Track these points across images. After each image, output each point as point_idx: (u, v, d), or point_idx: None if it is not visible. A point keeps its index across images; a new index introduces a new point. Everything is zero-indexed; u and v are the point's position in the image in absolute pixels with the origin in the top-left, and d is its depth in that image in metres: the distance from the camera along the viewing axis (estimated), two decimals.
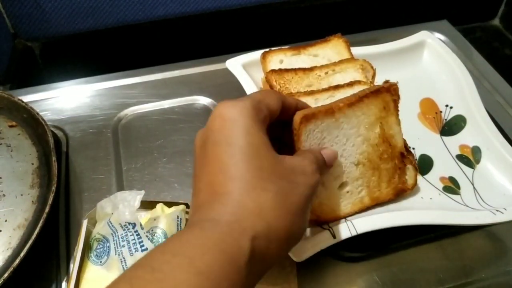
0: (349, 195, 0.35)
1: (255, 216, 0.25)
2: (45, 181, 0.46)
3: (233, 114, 0.27)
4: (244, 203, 0.25)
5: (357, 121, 0.35)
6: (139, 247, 0.38)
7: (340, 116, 0.34)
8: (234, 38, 0.79)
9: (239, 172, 0.25)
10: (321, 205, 0.34)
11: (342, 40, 0.53)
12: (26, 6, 0.66)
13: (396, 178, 0.35)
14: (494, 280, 0.42)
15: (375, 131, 0.36)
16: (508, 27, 0.93)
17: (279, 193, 0.26)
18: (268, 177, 0.26)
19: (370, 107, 0.36)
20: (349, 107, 0.35)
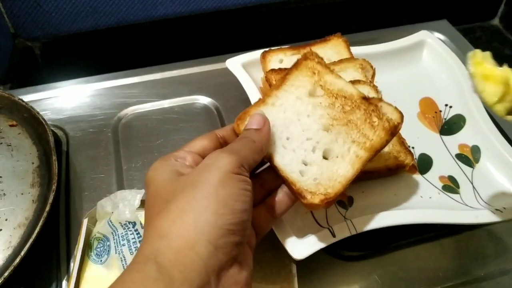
0: (341, 159, 0.33)
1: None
2: (45, 180, 0.46)
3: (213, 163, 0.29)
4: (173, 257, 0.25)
5: (294, 95, 0.36)
6: (139, 246, 0.38)
7: (275, 100, 0.35)
8: (234, 38, 0.80)
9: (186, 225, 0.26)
10: (318, 185, 0.33)
11: (342, 40, 0.53)
12: (26, 6, 0.66)
13: (376, 120, 0.34)
14: (494, 278, 0.42)
15: (319, 94, 0.35)
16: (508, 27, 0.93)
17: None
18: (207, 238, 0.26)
19: (298, 78, 0.36)
20: (277, 89, 0.35)
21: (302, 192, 0.33)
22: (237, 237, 0.27)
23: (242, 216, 0.27)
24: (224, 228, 0.26)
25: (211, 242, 0.26)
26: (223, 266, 0.26)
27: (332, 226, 0.38)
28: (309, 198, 0.32)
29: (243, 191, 0.28)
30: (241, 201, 0.28)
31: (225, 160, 0.28)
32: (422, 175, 0.45)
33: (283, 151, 0.34)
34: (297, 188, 0.33)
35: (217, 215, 0.26)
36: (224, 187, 0.27)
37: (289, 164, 0.33)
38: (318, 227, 0.39)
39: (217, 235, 0.26)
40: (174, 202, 0.27)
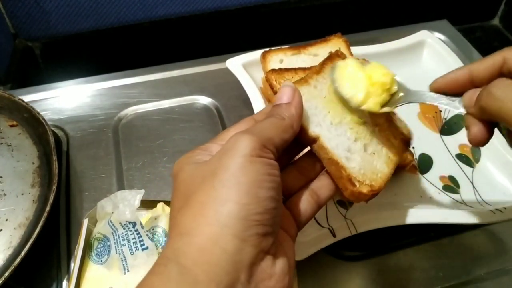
0: (377, 156, 0.33)
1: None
2: (45, 181, 0.46)
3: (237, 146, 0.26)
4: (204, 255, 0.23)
5: (329, 83, 0.34)
6: (139, 246, 0.38)
7: (316, 83, 0.34)
8: (234, 38, 0.80)
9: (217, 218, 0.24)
10: (364, 175, 0.31)
11: (342, 40, 0.53)
12: (26, 6, 0.66)
13: (395, 130, 0.34)
14: (494, 278, 0.42)
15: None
16: (507, 27, 0.93)
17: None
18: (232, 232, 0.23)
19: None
20: (317, 74, 0.35)
21: (352, 179, 0.31)
22: (265, 227, 0.24)
23: (268, 204, 0.25)
24: (249, 219, 0.24)
25: (237, 236, 0.23)
26: (254, 260, 0.24)
27: (333, 226, 0.38)
28: (358, 187, 0.30)
29: (267, 176, 0.25)
30: (265, 188, 0.25)
31: (245, 143, 0.25)
32: (422, 175, 0.45)
33: (329, 134, 0.32)
34: (347, 174, 0.31)
35: (240, 205, 0.24)
36: (245, 173, 0.24)
37: (336, 148, 0.31)
38: (319, 227, 0.39)
39: (243, 227, 0.23)
40: (194, 196, 0.25)
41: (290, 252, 0.28)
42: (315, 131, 0.31)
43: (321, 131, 0.32)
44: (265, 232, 0.24)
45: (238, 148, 0.25)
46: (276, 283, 0.25)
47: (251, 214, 0.24)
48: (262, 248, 0.24)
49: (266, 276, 0.24)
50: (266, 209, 0.24)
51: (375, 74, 0.32)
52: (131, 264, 0.38)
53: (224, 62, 0.52)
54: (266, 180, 0.25)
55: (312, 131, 0.31)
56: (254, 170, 0.25)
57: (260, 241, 0.24)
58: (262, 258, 0.25)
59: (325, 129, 0.32)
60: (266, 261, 0.25)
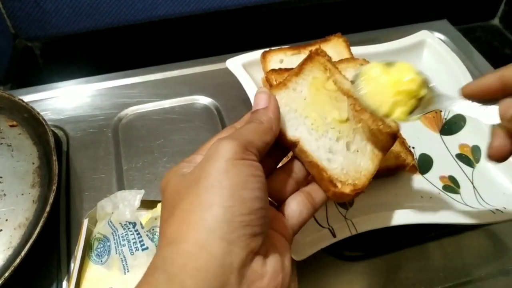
0: (361, 153, 0.33)
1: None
2: (45, 181, 0.46)
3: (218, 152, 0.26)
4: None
5: (312, 84, 0.35)
6: (139, 246, 0.38)
7: (295, 86, 0.34)
8: (234, 38, 0.80)
9: (203, 222, 0.24)
10: (346, 175, 0.31)
11: (342, 40, 0.53)
12: (26, 6, 0.66)
13: (381, 124, 0.34)
14: (494, 278, 0.42)
15: (333, 89, 0.35)
16: (507, 27, 0.93)
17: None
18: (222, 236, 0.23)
19: (313, 70, 0.36)
20: (296, 76, 0.35)
21: (333, 180, 0.31)
22: (252, 228, 0.24)
23: (253, 204, 0.25)
24: (235, 221, 0.24)
25: (223, 238, 0.23)
26: (243, 262, 0.24)
27: (333, 226, 0.38)
28: (340, 187, 0.30)
29: (251, 177, 0.25)
30: (249, 189, 0.25)
31: (226, 147, 0.26)
32: (422, 175, 0.45)
33: (309, 137, 0.32)
34: (328, 176, 0.31)
35: (224, 208, 0.24)
36: (228, 176, 0.25)
37: (317, 150, 0.32)
38: (319, 227, 0.39)
39: (229, 230, 0.23)
40: (179, 205, 0.25)
41: (284, 251, 0.27)
42: (295, 135, 0.32)
43: (301, 134, 0.32)
44: (253, 233, 0.24)
45: (220, 153, 0.25)
46: (269, 283, 0.25)
47: (236, 216, 0.24)
48: (251, 249, 0.24)
49: (257, 277, 0.24)
50: (252, 209, 0.24)
51: (402, 81, 0.31)
52: (131, 264, 0.38)
53: (224, 62, 0.52)
54: (250, 181, 0.25)
55: (291, 135, 0.32)
56: (237, 172, 0.25)
57: (248, 242, 0.24)
58: (252, 259, 0.24)
59: (305, 132, 0.32)
60: (256, 262, 0.25)
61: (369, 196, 0.43)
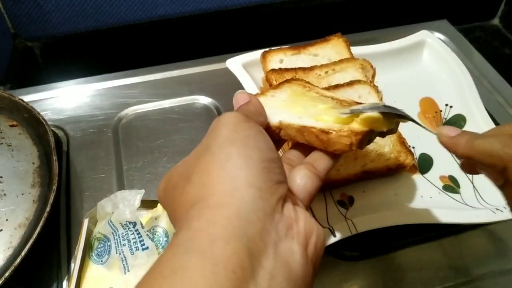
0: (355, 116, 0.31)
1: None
2: (46, 181, 0.46)
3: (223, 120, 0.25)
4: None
5: (292, 93, 0.35)
6: (139, 246, 0.38)
7: (273, 93, 0.34)
8: (234, 38, 0.80)
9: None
10: (339, 126, 0.29)
11: (342, 40, 0.53)
12: (26, 6, 0.66)
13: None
14: (494, 278, 0.42)
15: (315, 95, 0.35)
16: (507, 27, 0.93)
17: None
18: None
19: (291, 87, 0.36)
20: (274, 89, 0.35)
21: (325, 129, 0.29)
22: (275, 175, 0.23)
23: (269, 153, 0.24)
24: (258, 167, 0.23)
25: (252, 184, 0.22)
26: (275, 207, 0.22)
27: (333, 226, 0.38)
28: (335, 132, 0.29)
29: (260, 134, 0.25)
30: (262, 140, 0.24)
31: (230, 116, 0.25)
32: (422, 175, 0.45)
33: (292, 118, 0.31)
34: (319, 128, 0.29)
35: (244, 157, 0.23)
36: (238, 132, 0.24)
37: (300, 118, 0.31)
38: None
39: (254, 175, 0.22)
40: (194, 173, 0.23)
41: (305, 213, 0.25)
42: (276, 119, 0.31)
43: (282, 118, 0.31)
44: (277, 180, 0.23)
45: (224, 121, 0.25)
46: (305, 226, 0.23)
47: (257, 162, 0.23)
48: (280, 195, 0.23)
49: (292, 222, 0.23)
50: (269, 157, 0.24)
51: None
52: (131, 264, 0.38)
53: (224, 62, 0.52)
54: (260, 136, 0.25)
55: (273, 122, 0.31)
56: (245, 129, 0.24)
57: (276, 188, 0.23)
58: (283, 206, 0.23)
59: (286, 118, 0.31)
60: (287, 208, 0.23)
61: (369, 196, 0.43)
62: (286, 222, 0.23)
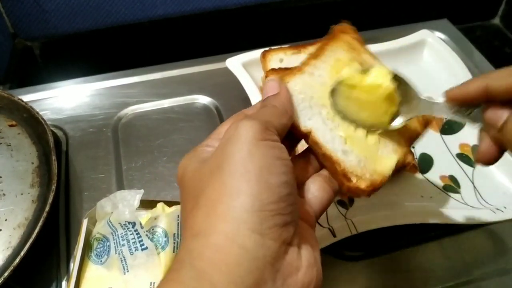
0: (383, 144, 0.30)
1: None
2: (45, 180, 0.46)
3: (238, 132, 0.24)
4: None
5: (334, 68, 0.31)
6: (139, 246, 0.38)
7: (313, 70, 0.31)
8: (234, 37, 0.79)
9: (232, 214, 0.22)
10: (364, 168, 0.29)
11: None
12: (26, 5, 0.66)
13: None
14: (494, 278, 0.42)
15: (356, 67, 0.32)
16: (508, 26, 0.92)
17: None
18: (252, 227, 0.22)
19: (337, 50, 0.32)
20: (315, 59, 0.32)
21: (347, 174, 0.28)
22: (283, 217, 0.23)
23: (281, 190, 0.23)
24: (265, 209, 0.22)
25: (255, 230, 0.21)
26: (277, 254, 0.22)
27: (333, 226, 0.38)
28: (355, 182, 0.28)
29: (276, 160, 0.24)
30: (276, 173, 0.23)
31: (247, 127, 0.24)
32: (422, 174, 0.45)
33: (324, 127, 0.29)
34: (342, 169, 0.28)
35: (253, 197, 0.22)
36: (252, 159, 0.23)
37: (331, 141, 0.29)
38: (319, 226, 0.39)
39: (259, 220, 0.22)
40: (204, 194, 0.23)
41: (313, 241, 0.26)
42: (307, 125, 0.29)
43: (315, 124, 0.29)
44: (284, 222, 0.23)
45: (241, 134, 0.24)
46: (305, 276, 0.23)
47: (265, 204, 0.22)
48: (283, 240, 0.23)
49: (293, 270, 0.23)
50: (280, 196, 0.23)
51: (374, 90, 0.30)
52: (130, 264, 0.38)
53: (223, 62, 0.52)
54: (275, 164, 0.23)
55: (303, 125, 0.29)
56: (261, 154, 0.23)
57: (280, 233, 0.22)
58: (286, 251, 0.23)
59: (319, 122, 0.30)
60: (290, 254, 0.23)
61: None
62: (286, 271, 0.22)
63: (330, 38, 0.33)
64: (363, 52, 0.33)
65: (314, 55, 0.32)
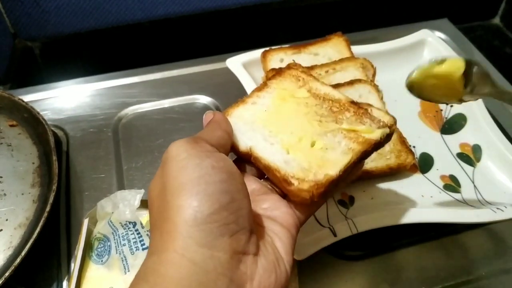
0: (331, 150, 0.30)
1: None
2: (45, 180, 0.46)
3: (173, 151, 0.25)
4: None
5: (277, 96, 0.33)
6: (140, 246, 0.38)
7: (256, 100, 0.33)
8: (234, 37, 0.79)
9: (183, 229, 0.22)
10: (307, 171, 0.29)
11: (343, 39, 0.53)
12: (26, 6, 0.66)
13: (368, 121, 0.31)
14: (495, 278, 0.42)
15: (305, 95, 0.33)
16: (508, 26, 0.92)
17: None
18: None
19: (282, 83, 0.34)
20: (259, 91, 0.34)
21: (288, 178, 0.28)
22: (228, 226, 0.23)
23: (221, 199, 0.23)
24: (207, 222, 0.22)
25: (202, 244, 0.22)
26: (229, 265, 0.22)
27: (333, 225, 0.38)
28: (296, 184, 0.28)
29: (211, 169, 0.24)
30: (212, 182, 0.23)
31: (176, 146, 0.25)
32: (423, 174, 0.45)
33: (265, 143, 0.30)
34: (282, 175, 0.28)
35: (193, 210, 0.22)
36: (186, 172, 0.23)
37: (272, 154, 0.30)
38: (319, 226, 0.39)
39: (204, 234, 0.22)
40: (156, 213, 0.24)
41: (282, 245, 0.26)
42: (248, 144, 0.31)
43: (255, 143, 0.31)
44: (231, 232, 0.23)
45: (172, 153, 0.25)
46: (259, 284, 0.23)
47: (206, 216, 0.22)
48: (234, 250, 0.23)
49: (246, 279, 0.23)
50: (221, 205, 0.23)
51: (447, 80, 0.34)
52: (131, 264, 0.38)
53: (224, 62, 0.52)
54: (211, 173, 0.23)
55: (243, 146, 0.31)
56: (194, 166, 0.24)
57: (229, 243, 0.23)
58: (240, 260, 0.23)
59: (259, 140, 0.31)
60: (244, 263, 0.23)
61: (370, 195, 0.43)
62: (240, 280, 0.23)
63: (275, 74, 0.35)
64: (311, 80, 0.34)
65: (258, 88, 0.34)
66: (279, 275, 0.25)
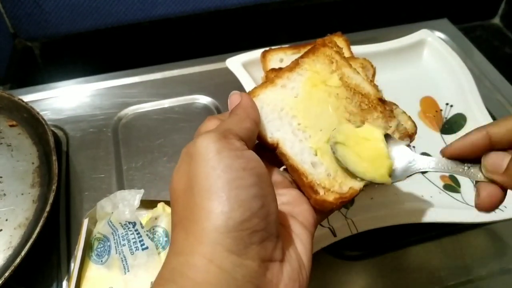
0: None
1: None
2: (45, 180, 0.46)
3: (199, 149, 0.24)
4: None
5: (309, 80, 0.31)
6: (139, 246, 0.38)
7: (286, 82, 0.31)
8: (234, 37, 0.79)
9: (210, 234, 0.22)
10: (333, 181, 0.28)
11: (342, 39, 0.53)
12: (26, 6, 0.66)
13: (393, 126, 0.31)
14: (494, 278, 0.42)
15: (336, 84, 0.32)
16: (508, 26, 0.92)
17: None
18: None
19: (315, 64, 0.32)
20: (290, 71, 0.32)
21: (315, 186, 0.28)
22: (258, 233, 0.22)
23: (253, 206, 0.22)
24: (238, 229, 0.22)
25: (231, 251, 0.22)
26: (257, 274, 0.22)
27: (333, 225, 0.38)
28: (322, 194, 0.27)
29: (242, 172, 0.23)
30: (243, 187, 0.22)
31: (204, 143, 0.24)
32: (423, 174, 0.45)
33: (293, 138, 0.29)
34: (309, 181, 0.28)
35: (225, 215, 0.22)
36: (218, 174, 0.22)
37: (299, 153, 0.29)
38: (319, 226, 0.39)
39: (235, 241, 0.22)
40: (183, 212, 0.24)
41: (303, 247, 0.26)
42: (274, 136, 0.29)
43: (283, 135, 0.29)
44: (261, 239, 0.23)
45: (200, 151, 0.24)
46: None
47: (238, 223, 0.22)
48: (262, 258, 0.23)
49: (273, 286, 0.23)
50: (253, 212, 0.22)
51: (366, 149, 0.29)
52: (131, 264, 0.38)
53: (224, 62, 0.52)
54: (242, 177, 0.23)
55: (270, 137, 0.29)
56: (226, 167, 0.23)
57: (258, 251, 0.22)
58: (267, 268, 0.23)
59: (288, 133, 0.29)
60: (271, 270, 0.23)
61: (370, 195, 0.43)
62: (267, 287, 0.23)
63: (309, 51, 0.33)
64: (343, 65, 0.33)
65: (289, 68, 0.32)
66: (301, 283, 0.25)
